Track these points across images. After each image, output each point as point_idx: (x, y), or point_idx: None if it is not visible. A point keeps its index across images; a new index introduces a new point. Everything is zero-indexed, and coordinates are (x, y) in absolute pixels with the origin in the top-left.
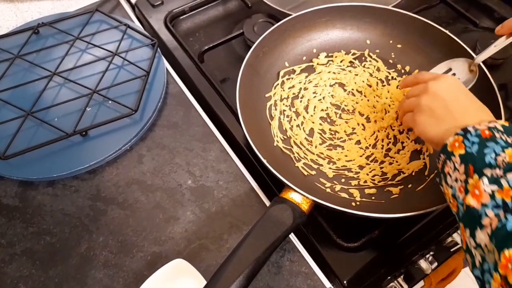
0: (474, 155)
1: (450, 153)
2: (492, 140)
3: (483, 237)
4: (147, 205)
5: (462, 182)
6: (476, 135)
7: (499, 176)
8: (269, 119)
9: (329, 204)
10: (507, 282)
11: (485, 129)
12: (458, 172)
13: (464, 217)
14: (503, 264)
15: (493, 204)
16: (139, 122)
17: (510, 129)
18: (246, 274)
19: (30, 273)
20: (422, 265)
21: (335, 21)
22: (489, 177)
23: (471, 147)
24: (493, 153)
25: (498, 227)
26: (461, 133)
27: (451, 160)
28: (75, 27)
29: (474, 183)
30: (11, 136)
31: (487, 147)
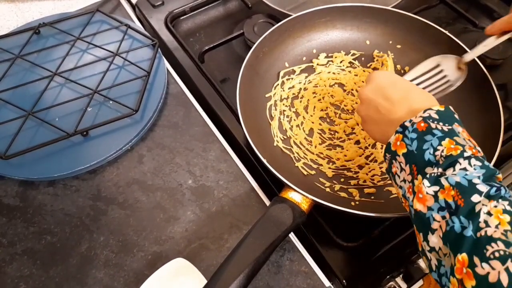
0: (415, 152)
1: (394, 152)
2: (429, 132)
3: (436, 241)
4: (147, 205)
5: (409, 182)
6: (413, 130)
7: (438, 174)
8: (269, 119)
9: (328, 203)
10: (464, 286)
11: (420, 121)
12: (404, 172)
13: (415, 221)
14: (458, 268)
15: (437, 206)
16: (139, 122)
17: (446, 114)
18: (246, 274)
19: (31, 273)
20: (421, 264)
21: (335, 21)
22: (429, 178)
23: (411, 145)
24: (431, 147)
25: (447, 230)
26: (400, 130)
27: (396, 160)
28: (76, 27)
29: (418, 184)
30: (12, 136)
31: (425, 141)
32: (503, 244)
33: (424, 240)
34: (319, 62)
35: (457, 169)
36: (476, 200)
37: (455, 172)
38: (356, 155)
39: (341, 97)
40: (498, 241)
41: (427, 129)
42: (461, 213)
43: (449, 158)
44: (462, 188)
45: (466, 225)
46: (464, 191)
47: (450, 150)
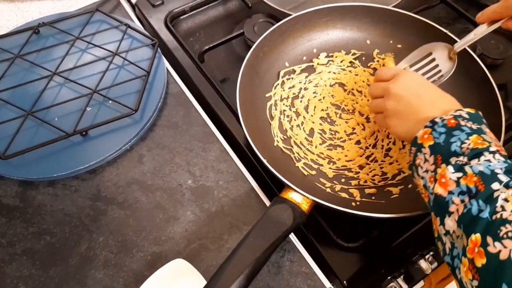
0: (442, 144)
1: (420, 145)
2: (458, 128)
3: (451, 224)
4: (147, 205)
5: (431, 172)
6: (442, 125)
7: (463, 163)
8: (269, 119)
9: (329, 204)
10: (474, 265)
11: (451, 118)
12: (428, 163)
13: (434, 206)
14: (470, 248)
15: (459, 190)
16: (139, 122)
17: (475, 116)
18: (246, 274)
19: (30, 273)
20: (422, 265)
21: (335, 21)
22: (453, 165)
23: (439, 137)
24: (458, 141)
25: (464, 213)
26: (429, 125)
27: (421, 152)
28: (76, 27)
29: (441, 172)
30: (11, 136)
31: (453, 135)
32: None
33: (441, 224)
34: (319, 62)
35: (482, 160)
36: (496, 188)
37: (480, 162)
38: (357, 155)
39: (341, 97)
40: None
41: (456, 126)
42: (480, 197)
43: (474, 150)
44: (484, 176)
45: (483, 208)
46: (485, 179)
47: (476, 144)
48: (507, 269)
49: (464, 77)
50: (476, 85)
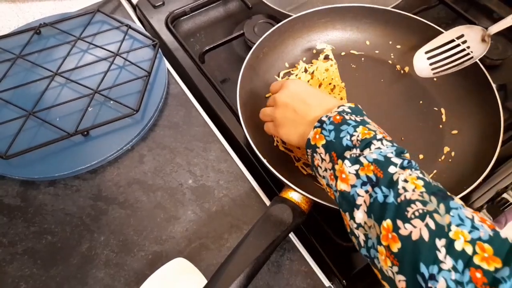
0: (333, 141)
1: (314, 146)
2: (344, 123)
3: (361, 216)
4: (148, 204)
5: (330, 170)
6: (330, 122)
7: (357, 155)
8: None
9: (328, 203)
10: (391, 251)
11: (336, 114)
12: (325, 162)
13: (341, 202)
14: (384, 235)
15: (360, 182)
16: (140, 122)
17: (356, 109)
18: (247, 273)
19: (31, 273)
20: None
21: (335, 22)
22: (349, 159)
23: (329, 135)
24: (347, 134)
25: (371, 202)
26: (318, 125)
27: (316, 152)
28: (77, 28)
29: (339, 168)
30: (12, 135)
31: (341, 130)
32: (421, 204)
33: (351, 219)
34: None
35: (373, 148)
36: (393, 171)
37: (372, 151)
38: None
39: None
40: (416, 202)
41: (342, 121)
42: (382, 184)
43: (364, 141)
44: (380, 163)
45: (387, 193)
46: (382, 165)
47: (364, 134)
48: (421, 248)
49: (463, 78)
50: (475, 86)
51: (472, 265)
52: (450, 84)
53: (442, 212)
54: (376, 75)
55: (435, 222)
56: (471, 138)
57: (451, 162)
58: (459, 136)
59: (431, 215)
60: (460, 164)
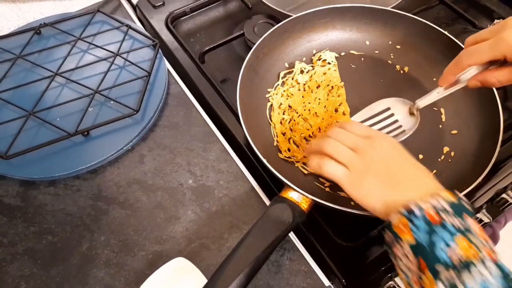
0: (425, 247)
1: (396, 235)
2: (442, 226)
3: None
4: (148, 204)
5: (415, 274)
6: (423, 218)
7: (455, 279)
8: (269, 119)
9: (328, 203)
10: None
11: (431, 211)
12: (409, 261)
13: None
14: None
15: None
16: (140, 122)
17: (458, 207)
18: (246, 273)
19: (32, 273)
20: None
21: (334, 22)
22: (444, 281)
23: (420, 237)
24: (443, 243)
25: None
26: (405, 213)
27: (399, 244)
28: (77, 28)
29: (429, 284)
30: (13, 136)
31: (437, 235)
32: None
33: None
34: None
35: (475, 275)
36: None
37: (474, 279)
38: None
39: (339, 99)
40: None
41: (440, 224)
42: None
43: (465, 261)
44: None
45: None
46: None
47: (466, 252)
48: None
49: None
50: None
51: None
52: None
53: None
54: (375, 75)
55: None
56: (471, 138)
57: (450, 162)
58: (458, 136)
59: None
60: (460, 164)
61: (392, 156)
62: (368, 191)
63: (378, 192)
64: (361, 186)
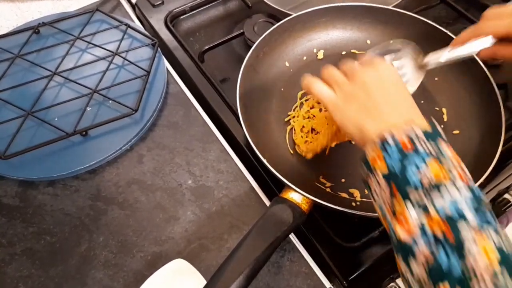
0: (397, 174)
1: (371, 167)
2: (415, 152)
3: (419, 272)
4: (147, 205)
5: (389, 203)
6: (396, 148)
7: (425, 200)
8: (288, 145)
9: (329, 204)
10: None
11: (404, 139)
12: (383, 191)
13: (397, 247)
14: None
15: (425, 239)
16: (139, 122)
17: (431, 134)
18: (246, 274)
19: (30, 273)
20: None
21: (335, 21)
22: (413, 203)
23: (393, 166)
24: (415, 167)
25: (433, 266)
26: (379, 144)
27: (373, 174)
28: (76, 27)
29: (400, 209)
30: (11, 135)
31: (408, 161)
32: (490, 281)
33: (406, 265)
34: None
35: (445, 196)
36: (465, 235)
37: (444, 199)
38: None
39: None
40: (485, 278)
41: (413, 151)
42: (450, 248)
43: (435, 183)
44: (451, 221)
45: (454, 262)
46: (453, 224)
47: (437, 174)
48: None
49: (464, 77)
50: (476, 86)
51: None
52: (452, 84)
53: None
54: None
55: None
56: (473, 138)
57: None
58: (460, 136)
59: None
60: None
61: (379, 84)
62: (348, 117)
63: (357, 119)
64: (343, 111)
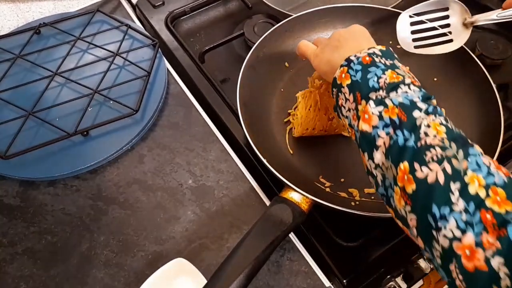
0: (359, 82)
1: (339, 85)
2: (373, 64)
3: (380, 157)
4: (148, 204)
5: (353, 110)
6: (358, 62)
7: (383, 97)
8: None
9: (328, 203)
10: (405, 192)
11: (365, 56)
12: (349, 102)
13: (361, 142)
14: (400, 177)
15: (383, 124)
16: (140, 122)
17: (387, 52)
18: (246, 273)
19: (31, 273)
20: (421, 264)
21: (335, 22)
22: (374, 100)
23: (356, 75)
24: (375, 76)
25: (391, 145)
26: (345, 63)
27: (341, 92)
28: (77, 28)
29: (363, 108)
30: (12, 135)
31: (369, 72)
32: (440, 149)
33: (370, 159)
34: None
35: (399, 92)
36: (417, 115)
37: (398, 94)
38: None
39: None
40: (436, 147)
41: (371, 62)
42: (404, 127)
43: (391, 84)
44: (405, 106)
45: (408, 137)
46: (406, 109)
47: (392, 78)
48: (436, 191)
49: (463, 78)
50: (475, 86)
51: (483, 207)
52: (450, 83)
53: (460, 158)
54: None
55: (452, 167)
56: (471, 138)
57: None
58: None
59: (449, 160)
60: None
61: (348, 34)
62: (322, 59)
63: (328, 57)
64: (320, 57)
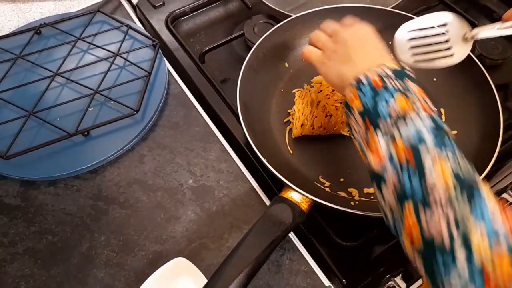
0: (370, 109)
1: (350, 107)
2: (384, 89)
3: (389, 197)
4: (148, 204)
5: (364, 137)
6: (368, 84)
7: (391, 125)
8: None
9: (328, 203)
10: (412, 238)
11: (376, 78)
12: (359, 125)
13: (372, 176)
14: (406, 217)
15: (391, 164)
16: (140, 122)
17: (400, 73)
18: (246, 273)
19: (32, 272)
20: None
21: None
22: (382, 132)
23: (366, 101)
24: (384, 102)
25: (399, 190)
26: (354, 84)
27: (352, 114)
28: (77, 28)
29: (372, 139)
30: (13, 135)
31: (379, 96)
32: (448, 202)
33: (380, 193)
34: None
35: (409, 122)
36: (425, 157)
37: (407, 125)
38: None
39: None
40: (441, 197)
41: (383, 88)
42: (411, 171)
43: (402, 114)
44: (413, 146)
45: (415, 184)
46: (414, 147)
47: (402, 104)
48: (437, 244)
49: (463, 78)
50: (474, 86)
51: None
52: (450, 84)
53: (467, 214)
54: None
55: (456, 220)
56: (471, 138)
57: None
58: (459, 136)
59: (454, 212)
60: None
61: (356, 39)
62: (330, 69)
63: (337, 69)
64: (327, 64)
